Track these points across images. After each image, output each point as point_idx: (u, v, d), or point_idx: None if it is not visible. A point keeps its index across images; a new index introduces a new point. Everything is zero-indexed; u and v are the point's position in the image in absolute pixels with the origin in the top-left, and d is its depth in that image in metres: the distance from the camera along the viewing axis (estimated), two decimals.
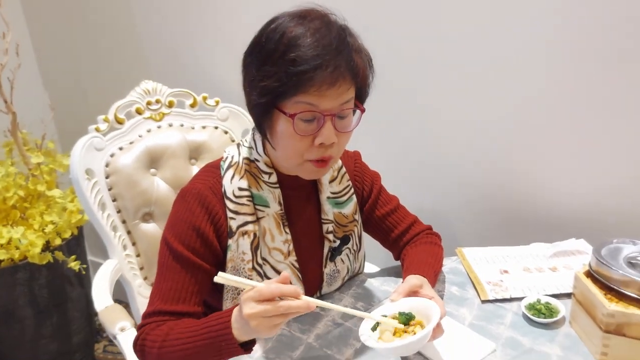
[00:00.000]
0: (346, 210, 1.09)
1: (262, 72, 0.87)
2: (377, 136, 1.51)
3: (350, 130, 0.93)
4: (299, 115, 0.86)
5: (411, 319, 0.86)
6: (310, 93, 0.85)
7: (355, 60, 0.88)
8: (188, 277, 0.94)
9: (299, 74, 0.83)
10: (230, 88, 1.70)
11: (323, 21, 0.87)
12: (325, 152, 0.90)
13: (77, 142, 1.40)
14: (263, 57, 0.87)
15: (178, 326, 0.90)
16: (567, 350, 0.93)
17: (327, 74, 0.83)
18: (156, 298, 0.95)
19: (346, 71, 0.86)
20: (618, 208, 1.27)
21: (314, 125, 0.88)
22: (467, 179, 1.47)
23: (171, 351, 0.88)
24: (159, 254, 0.99)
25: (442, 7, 1.34)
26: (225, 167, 1.00)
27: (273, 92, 0.86)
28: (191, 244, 0.95)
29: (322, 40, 0.84)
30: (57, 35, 2.12)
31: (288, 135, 0.89)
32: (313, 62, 0.82)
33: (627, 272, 0.89)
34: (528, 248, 1.25)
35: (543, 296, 1.05)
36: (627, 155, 1.24)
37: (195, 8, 1.74)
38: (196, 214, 0.96)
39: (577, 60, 1.22)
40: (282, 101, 0.87)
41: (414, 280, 0.93)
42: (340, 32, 0.88)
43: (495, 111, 1.37)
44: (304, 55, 0.83)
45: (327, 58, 0.83)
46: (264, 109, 0.90)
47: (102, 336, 2.28)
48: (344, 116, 0.90)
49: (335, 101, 0.87)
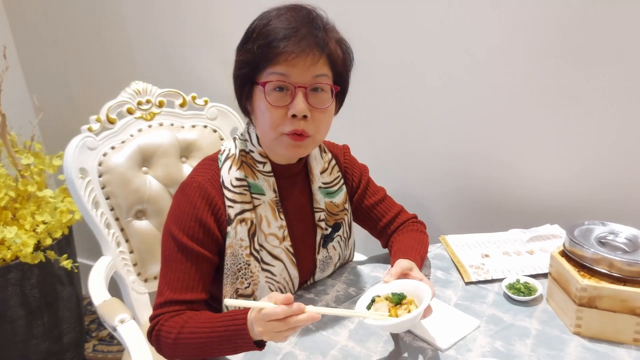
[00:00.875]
0: (337, 200, 1.15)
1: (242, 50, 0.98)
2: (364, 130, 1.57)
3: (325, 107, 0.98)
4: (270, 83, 0.94)
5: (403, 298, 0.92)
6: (279, 63, 0.92)
7: (322, 36, 0.95)
8: (193, 266, 0.99)
9: (269, 44, 0.92)
10: (218, 88, 1.75)
11: (296, 8, 0.97)
12: (299, 125, 0.95)
13: (71, 142, 1.43)
14: (245, 39, 0.98)
15: (193, 319, 0.94)
16: (545, 325, 1.01)
17: (294, 44, 0.91)
18: (165, 288, 0.99)
19: (313, 44, 0.93)
20: (587, 194, 1.36)
21: (287, 97, 0.94)
22: (449, 171, 1.54)
23: (186, 342, 0.93)
24: (163, 246, 1.03)
25: (428, 6, 1.41)
26: (223, 159, 1.05)
27: (249, 64, 0.95)
28: (194, 235, 0.99)
29: (292, 19, 0.94)
30: (41, 37, 2.12)
31: (264, 108, 0.96)
32: (282, 33, 0.92)
33: (598, 250, 0.97)
34: (506, 234, 1.33)
35: (522, 276, 1.12)
36: (592, 147, 1.33)
37: (184, 9, 1.77)
38: (197, 206, 1.00)
39: (553, 61, 1.30)
40: (257, 74, 0.96)
41: (405, 263, 0.99)
42: (312, 14, 0.96)
43: (475, 109, 1.44)
44: (275, 29, 0.93)
45: (294, 30, 0.92)
46: (242, 82, 0.99)
47: (91, 336, 2.29)
48: (317, 90, 0.96)
49: (305, 73, 0.93)
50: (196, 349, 0.93)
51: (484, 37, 1.36)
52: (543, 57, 1.31)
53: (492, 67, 1.38)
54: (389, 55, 1.49)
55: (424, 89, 1.50)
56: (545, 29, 1.28)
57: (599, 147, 1.33)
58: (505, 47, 1.34)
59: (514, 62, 1.35)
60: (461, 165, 1.52)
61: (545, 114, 1.36)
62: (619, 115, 1.28)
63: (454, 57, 1.41)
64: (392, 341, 0.98)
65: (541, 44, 1.30)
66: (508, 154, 1.44)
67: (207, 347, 0.92)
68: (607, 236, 1.03)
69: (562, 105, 1.33)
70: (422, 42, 1.44)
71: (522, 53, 1.33)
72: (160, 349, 0.98)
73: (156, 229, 1.54)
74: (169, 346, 0.95)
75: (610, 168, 1.32)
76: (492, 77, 1.39)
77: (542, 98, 1.35)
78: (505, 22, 1.32)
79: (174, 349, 0.95)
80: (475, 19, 1.35)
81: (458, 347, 0.95)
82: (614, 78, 1.25)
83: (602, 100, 1.28)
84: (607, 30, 1.22)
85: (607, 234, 1.04)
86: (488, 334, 0.98)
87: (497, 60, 1.37)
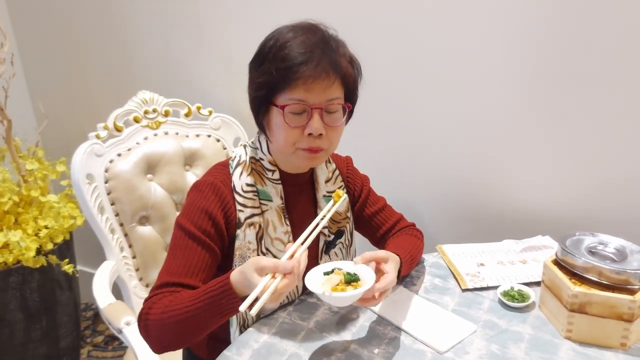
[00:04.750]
0: (340, 208, 1.20)
1: (259, 71, 1.01)
2: (365, 143, 1.62)
3: (338, 125, 1.04)
4: (289, 107, 0.99)
5: (355, 280, 0.94)
6: (298, 87, 0.97)
7: (338, 59, 1.00)
8: (197, 254, 1.01)
9: (287, 69, 0.96)
10: (222, 99, 1.80)
11: (310, 28, 1.01)
12: (314, 142, 1.02)
13: (79, 148, 1.46)
14: (260, 59, 1.02)
15: (182, 294, 0.95)
16: (537, 330, 1.06)
17: (311, 68, 0.96)
18: (164, 273, 1.00)
19: (329, 67, 0.98)
20: (578, 207, 1.42)
21: (304, 118, 1.00)
22: (446, 184, 1.59)
23: (172, 316, 0.91)
24: (172, 238, 1.05)
25: (429, 18, 1.47)
26: (234, 166, 1.10)
27: (267, 86, 1.00)
28: (202, 225, 1.02)
29: (308, 42, 0.98)
30: (46, 45, 2.16)
31: (281, 126, 1.01)
32: (299, 59, 0.96)
33: (588, 259, 1.02)
34: (500, 244, 1.38)
35: (516, 284, 1.17)
36: (583, 162, 1.40)
37: (190, 22, 1.82)
38: (210, 201, 1.04)
39: (548, 76, 1.36)
40: (275, 95, 1.00)
41: (382, 253, 1.01)
42: (325, 36, 1.01)
43: (471, 123, 1.50)
44: (292, 53, 0.97)
45: (311, 55, 0.96)
46: (260, 103, 1.03)
47: (86, 341, 2.30)
48: (332, 111, 1.02)
49: (321, 95, 0.99)
50: (182, 320, 0.91)
51: (481, 52, 1.42)
52: (539, 71, 1.37)
53: (490, 82, 1.44)
54: (388, 68, 1.54)
55: (419, 103, 1.55)
56: (543, 45, 1.34)
57: (589, 162, 1.39)
58: (502, 61, 1.40)
59: (511, 77, 1.41)
60: (458, 178, 1.57)
61: (538, 131, 1.42)
62: (610, 130, 1.34)
63: (452, 70, 1.47)
64: (393, 343, 1.02)
65: (538, 60, 1.36)
66: (502, 169, 1.50)
67: (192, 315, 0.90)
68: (597, 246, 1.09)
69: (556, 121, 1.39)
70: (422, 54, 1.50)
71: (519, 67, 1.39)
72: (147, 332, 0.96)
73: (159, 235, 1.57)
74: (156, 323, 0.93)
75: (600, 182, 1.39)
76: (489, 92, 1.45)
77: (536, 115, 1.41)
78: (502, 38, 1.38)
79: (161, 327, 0.93)
80: (473, 35, 1.41)
81: (456, 350, 1.00)
82: (605, 94, 1.32)
83: (593, 116, 1.35)
84: (602, 47, 1.29)
85: (597, 244, 1.09)
86: (484, 338, 1.03)
87: (495, 75, 1.43)
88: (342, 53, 1.03)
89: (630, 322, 0.97)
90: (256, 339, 1.05)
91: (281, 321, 1.11)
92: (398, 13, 1.48)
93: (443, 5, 1.42)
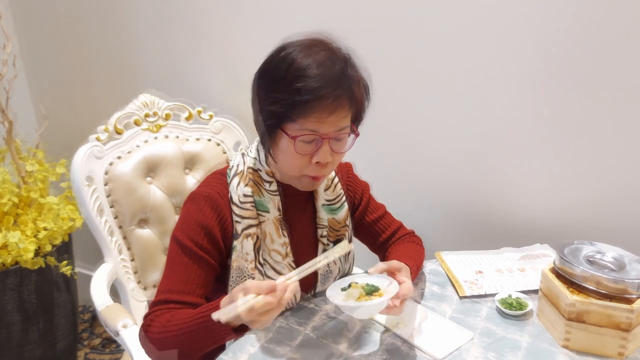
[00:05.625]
0: (339, 216, 1.19)
1: (270, 97, 0.97)
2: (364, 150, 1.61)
3: (345, 151, 1.05)
4: (300, 137, 0.97)
5: (376, 290, 0.96)
6: (311, 119, 0.95)
7: (354, 91, 1.00)
8: (194, 270, 1.02)
9: (303, 103, 0.93)
10: (224, 103, 1.80)
11: (328, 53, 0.97)
12: (321, 171, 1.02)
13: (79, 150, 1.47)
14: (272, 84, 0.97)
15: (179, 313, 0.96)
16: (535, 338, 1.05)
17: (327, 104, 0.94)
18: (163, 289, 1.02)
19: (345, 101, 0.97)
20: (577, 217, 1.43)
21: (313, 146, 0.99)
22: (445, 192, 1.59)
23: (170, 336, 0.94)
24: (168, 251, 1.06)
25: (433, 27, 1.47)
26: (232, 175, 1.09)
27: (279, 116, 0.97)
28: (199, 241, 1.03)
29: (326, 73, 0.94)
30: (48, 47, 2.16)
31: (289, 153, 0.99)
32: (316, 93, 0.92)
33: (586, 269, 1.02)
34: (499, 252, 1.39)
35: (514, 292, 1.17)
36: (582, 173, 1.40)
37: (192, 25, 1.82)
38: (206, 214, 1.04)
39: (549, 87, 1.37)
40: (285, 124, 0.97)
41: (395, 263, 1.03)
42: (343, 65, 0.97)
43: (471, 131, 1.50)
44: (309, 86, 0.92)
45: (329, 90, 0.93)
46: (269, 130, 1.00)
47: (83, 344, 2.30)
48: (340, 139, 1.02)
49: (333, 127, 0.98)
50: (179, 342, 0.94)
51: (482, 63, 1.42)
52: (540, 83, 1.37)
53: (491, 90, 1.44)
54: (388, 74, 1.53)
55: (420, 112, 1.55)
56: (548, 53, 1.34)
57: (589, 170, 1.39)
58: (503, 70, 1.41)
59: (512, 87, 1.41)
60: (457, 185, 1.57)
61: (538, 139, 1.43)
62: (611, 139, 1.34)
63: (454, 78, 1.47)
64: (391, 350, 1.02)
65: (540, 68, 1.36)
66: (502, 178, 1.50)
67: (187, 337, 0.92)
68: (595, 255, 1.09)
69: (556, 129, 1.39)
70: (423, 63, 1.50)
71: (520, 78, 1.39)
72: (147, 347, 0.99)
73: (158, 238, 1.57)
74: (156, 341, 0.96)
75: (600, 190, 1.39)
76: (490, 100, 1.45)
77: (536, 124, 1.41)
78: (506, 45, 1.39)
79: (160, 344, 0.96)
80: (476, 44, 1.42)
81: (453, 358, 1.00)
82: (606, 103, 1.32)
83: (594, 124, 1.35)
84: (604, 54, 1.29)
85: (595, 253, 1.09)
86: (481, 346, 1.03)
87: (496, 84, 1.43)
88: (357, 81, 1.01)
89: (627, 332, 0.96)
90: (252, 343, 1.05)
91: (278, 326, 1.11)
92: (399, 19, 1.49)
93: (445, 11, 1.42)
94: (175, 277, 1.02)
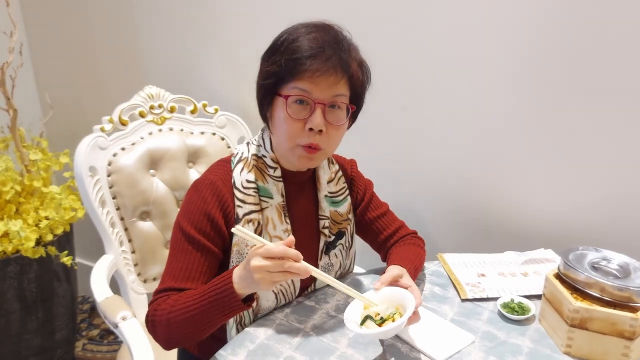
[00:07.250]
0: (341, 209, 1.19)
1: (269, 61, 1.02)
2: (368, 149, 1.62)
3: (340, 124, 1.04)
4: (292, 97, 0.99)
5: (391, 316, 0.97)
6: (303, 79, 0.98)
7: (347, 60, 1.01)
8: (198, 258, 1.03)
9: (295, 60, 0.97)
10: (229, 97, 1.80)
11: (325, 27, 1.02)
12: (314, 138, 1.01)
13: (83, 140, 1.46)
14: (272, 48, 1.03)
15: (185, 294, 0.98)
16: (537, 343, 1.04)
17: (319, 63, 0.96)
18: (167, 277, 1.03)
19: (337, 65, 0.98)
20: (581, 221, 1.41)
21: (306, 111, 1.00)
22: (449, 193, 1.59)
23: (178, 315, 0.95)
24: (172, 238, 1.07)
25: (438, 27, 1.46)
26: (236, 162, 1.10)
27: (274, 75, 1.00)
28: (202, 228, 1.03)
29: (320, 38, 0.99)
30: (55, 37, 2.16)
31: (283, 118, 1.01)
32: (308, 52, 0.97)
33: (591, 275, 1.01)
34: (502, 255, 1.37)
35: (516, 296, 1.16)
36: (587, 178, 1.39)
37: (200, 20, 1.82)
38: (208, 201, 1.04)
39: (551, 91, 1.36)
40: (281, 86, 1.01)
41: (395, 270, 1.04)
42: (339, 36, 1.02)
43: (476, 133, 1.49)
44: (302, 46, 0.98)
45: (321, 50, 0.97)
46: (266, 92, 1.03)
47: (81, 335, 2.30)
48: (334, 107, 1.02)
49: (326, 91, 0.99)
50: (189, 322, 0.95)
51: (487, 59, 1.41)
52: (542, 86, 1.36)
53: (496, 91, 1.43)
54: (391, 71, 1.53)
55: (424, 112, 1.55)
56: (550, 54, 1.34)
57: (595, 175, 1.38)
58: (508, 70, 1.40)
59: (519, 87, 1.40)
60: (461, 187, 1.56)
61: (544, 143, 1.41)
62: (613, 145, 1.33)
63: (458, 78, 1.47)
64: (391, 351, 1.01)
65: (545, 70, 1.35)
66: (507, 181, 1.49)
67: (197, 314, 0.94)
68: (600, 262, 1.07)
69: (562, 133, 1.38)
70: (430, 62, 1.49)
71: (526, 77, 1.38)
72: (155, 332, 1.00)
73: (159, 231, 1.57)
74: (162, 324, 0.97)
75: (605, 196, 1.38)
76: (495, 102, 1.44)
77: (541, 128, 1.40)
78: (508, 46, 1.38)
79: (167, 326, 0.97)
80: (479, 44, 1.41)
81: None
82: (611, 107, 1.31)
83: (600, 128, 1.34)
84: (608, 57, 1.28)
85: (600, 260, 1.08)
86: (482, 349, 1.02)
87: (502, 84, 1.42)
88: (352, 55, 1.03)
89: (631, 340, 0.95)
90: (252, 339, 1.05)
91: (278, 323, 1.10)
92: (403, 18, 1.48)
93: (448, 10, 1.42)
94: (178, 264, 1.03)
